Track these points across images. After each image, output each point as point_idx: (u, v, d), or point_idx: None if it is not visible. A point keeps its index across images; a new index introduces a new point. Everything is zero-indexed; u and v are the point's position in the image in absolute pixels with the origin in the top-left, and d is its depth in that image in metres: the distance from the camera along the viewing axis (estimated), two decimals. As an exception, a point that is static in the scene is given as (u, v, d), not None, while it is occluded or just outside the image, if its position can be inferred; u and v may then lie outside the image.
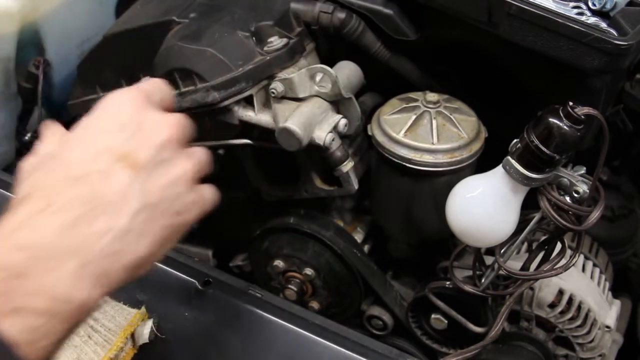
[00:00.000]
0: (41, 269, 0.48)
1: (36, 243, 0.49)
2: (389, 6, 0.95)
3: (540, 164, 0.72)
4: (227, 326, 0.71)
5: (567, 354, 0.98)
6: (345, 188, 0.96)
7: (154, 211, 0.54)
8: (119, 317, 0.69)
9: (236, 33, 0.92)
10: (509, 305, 0.84)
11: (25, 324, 0.47)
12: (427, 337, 1.06)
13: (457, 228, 0.82)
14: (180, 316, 0.71)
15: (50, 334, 0.48)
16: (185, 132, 0.60)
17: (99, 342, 0.68)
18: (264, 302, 0.71)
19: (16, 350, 0.46)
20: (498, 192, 0.77)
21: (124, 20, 1.06)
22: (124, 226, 0.52)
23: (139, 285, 0.73)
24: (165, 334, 0.70)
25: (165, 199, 0.55)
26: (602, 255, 1.09)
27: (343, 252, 1.02)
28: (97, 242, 0.51)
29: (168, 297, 0.73)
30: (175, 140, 0.58)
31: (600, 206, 0.74)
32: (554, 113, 0.71)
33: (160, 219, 0.55)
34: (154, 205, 0.54)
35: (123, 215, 0.52)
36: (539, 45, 0.81)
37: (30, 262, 0.48)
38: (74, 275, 0.49)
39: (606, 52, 0.77)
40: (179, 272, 0.74)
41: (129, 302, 0.71)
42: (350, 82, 0.96)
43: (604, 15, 0.82)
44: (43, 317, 0.48)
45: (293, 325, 0.70)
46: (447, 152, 0.88)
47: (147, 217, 0.54)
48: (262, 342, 0.70)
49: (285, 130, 0.87)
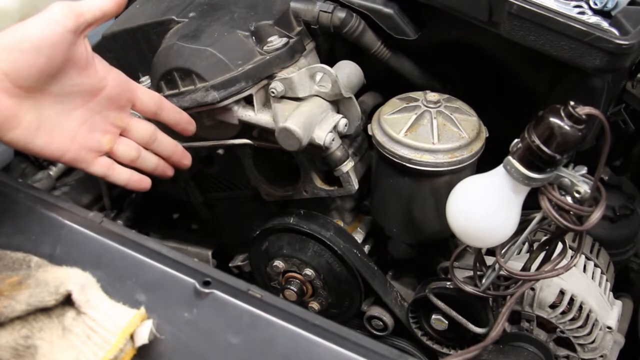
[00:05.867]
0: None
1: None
2: (389, 5, 0.94)
3: (541, 164, 0.72)
4: (227, 327, 0.70)
5: (568, 354, 0.97)
6: (345, 188, 0.96)
7: None
8: (118, 317, 0.69)
9: (236, 32, 0.92)
10: (509, 306, 0.84)
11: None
12: (428, 338, 1.06)
13: (458, 228, 0.82)
14: (180, 317, 0.71)
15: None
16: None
17: (98, 343, 0.67)
18: (263, 302, 0.71)
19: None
20: (499, 192, 0.77)
21: (123, 19, 1.05)
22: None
23: (138, 286, 0.73)
24: (165, 335, 0.70)
25: None
26: (603, 255, 1.09)
27: (343, 253, 1.01)
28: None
29: (167, 298, 0.72)
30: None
31: (602, 206, 0.74)
32: (555, 113, 0.71)
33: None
34: None
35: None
36: (540, 45, 0.81)
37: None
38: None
39: (607, 51, 0.77)
40: (178, 272, 0.73)
41: (128, 302, 0.71)
42: (351, 81, 0.96)
43: (605, 15, 0.82)
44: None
45: (293, 326, 0.69)
46: (448, 152, 0.87)
47: None
48: (262, 342, 0.70)
49: (285, 130, 0.87)
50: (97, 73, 0.79)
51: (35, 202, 0.80)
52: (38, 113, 0.75)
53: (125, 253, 0.75)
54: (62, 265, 0.74)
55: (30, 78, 0.73)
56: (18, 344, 0.69)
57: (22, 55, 0.72)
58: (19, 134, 0.74)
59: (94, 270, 0.73)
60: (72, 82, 0.77)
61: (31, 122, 0.75)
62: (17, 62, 0.71)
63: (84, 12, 0.76)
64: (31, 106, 0.75)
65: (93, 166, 0.82)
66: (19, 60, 0.72)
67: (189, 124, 0.90)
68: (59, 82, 0.76)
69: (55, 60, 0.74)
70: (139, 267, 0.75)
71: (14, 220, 0.79)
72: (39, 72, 0.73)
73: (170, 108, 0.88)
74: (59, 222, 0.78)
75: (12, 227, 0.78)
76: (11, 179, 0.83)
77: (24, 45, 0.72)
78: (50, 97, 0.76)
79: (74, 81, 0.77)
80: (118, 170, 0.84)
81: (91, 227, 0.78)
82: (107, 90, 0.81)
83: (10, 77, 0.72)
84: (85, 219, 0.79)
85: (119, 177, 0.84)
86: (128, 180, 0.85)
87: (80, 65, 0.77)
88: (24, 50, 0.72)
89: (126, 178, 0.85)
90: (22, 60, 0.72)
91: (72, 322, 0.69)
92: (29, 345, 0.69)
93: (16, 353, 0.69)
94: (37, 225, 0.78)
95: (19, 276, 0.71)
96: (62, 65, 0.75)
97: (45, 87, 0.76)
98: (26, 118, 0.74)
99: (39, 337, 0.69)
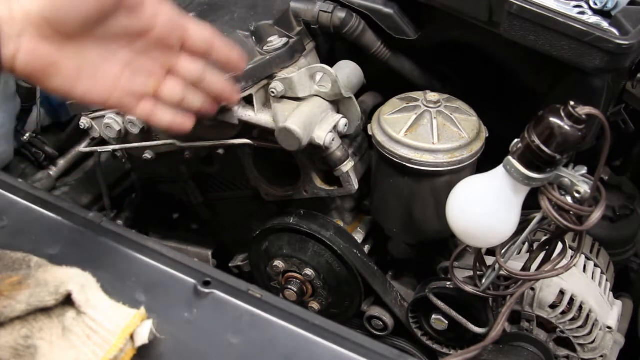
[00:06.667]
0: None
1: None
2: (389, 5, 0.94)
3: (541, 164, 0.72)
4: (227, 327, 0.70)
5: (568, 354, 0.97)
6: (345, 188, 0.96)
7: None
8: (118, 317, 0.69)
9: (236, 32, 0.92)
10: (509, 306, 0.84)
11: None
12: (428, 338, 1.06)
13: (458, 228, 0.82)
14: (180, 317, 0.71)
15: None
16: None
17: (98, 343, 0.67)
18: (263, 302, 0.71)
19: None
20: (499, 192, 0.77)
21: (124, 19, 1.05)
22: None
23: (138, 286, 0.73)
24: (165, 335, 0.70)
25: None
26: (603, 255, 1.09)
27: (343, 253, 1.01)
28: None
29: (167, 298, 0.72)
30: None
31: (602, 206, 0.74)
32: (555, 113, 0.71)
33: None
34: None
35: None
36: (540, 45, 0.81)
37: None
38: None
39: (607, 51, 0.77)
40: (178, 272, 0.74)
41: (128, 302, 0.71)
42: (351, 81, 0.96)
43: (605, 15, 0.82)
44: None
45: (293, 326, 0.69)
46: (448, 152, 0.87)
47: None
48: (262, 342, 0.70)
49: (285, 130, 0.87)
50: (146, 12, 0.70)
51: (35, 202, 0.80)
52: (80, 58, 0.68)
53: (125, 253, 0.76)
54: (62, 265, 0.74)
55: (74, 23, 0.65)
56: (18, 344, 0.69)
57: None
58: (60, 81, 0.67)
59: (94, 270, 0.73)
60: (119, 24, 0.68)
61: (72, 69, 0.68)
62: (59, 6, 0.64)
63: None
64: (72, 52, 0.67)
65: (136, 110, 0.75)
66: (63, 4, 0.64)
67: (240, 62, 0.80)
68: (105, 25, 0.68)
69: (106, 3, 0.66)
70: (139, 267, 0.75)
71: (14, 220, 0.79)
72: (85, 18, 0.65)
73: (221, 46, 0.78)
74: (59, 222, 0.78)
75: (12, 227, 0.78)
76: (11, 179, 0.83)
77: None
78: (93, 40, 0.68)
79: (121, 23, 0.69)
80: (162, 112, 0.76)
81: (91, 227, 0.78)
82: (157, 31, 0.72)
83: (52, 23, 0.64)
84: (85, 219, 0.79)
85: (162, 119, 0.76)
86: (171, 122, 0.77)
87: (129, 5, 0.68)
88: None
89: (169, 120, 0.77)
90: (65, 3, 0.64)
91: (72, 322, 0.69)
92: (29, 345, 0.69)
93: (16, 353, 0.69)
94: (37, 225, 0.78)
95: (19, 276, 0.71)
96: (112, 7, 0.67)
97: (90, 32, 0.67)
98: (67, 65, 0.67)
99: (39, 337, 0.69)
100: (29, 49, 0.63)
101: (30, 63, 0.64)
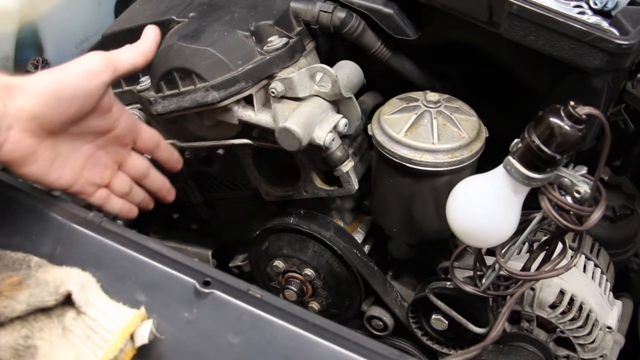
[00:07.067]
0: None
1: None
2: (389, 5, 0.94)
3: (541, 164, 0.72)
4: (227, 327, 0.70)
5: (568, 354, 0.97)
6: (346, 188, 0.96)
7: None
8: (118, 317, 0.69)
9: (236, 32, 0.92)
10: (509, 306, 0.84)
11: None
12: (428, 338, 1.06)
13: (458, 228, 0.82)
14: (180, 317, 0.71)
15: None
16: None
17: (98, 343, 0.67)
18: (263, 302, 0.71)
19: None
20: (499, 192, 0.77)
21: (123, 19, 1.06)
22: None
23: (138, 286, 0.73)
24: (165, 335, 0.70)
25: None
26: (603, 255, 1.09)
27: (343, 253, 1.01)
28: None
29: (167, 298, 0.72)
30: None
31: (602, 206, 0.74)
32: (555, 113, 0.70)
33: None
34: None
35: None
36: (540, 45, 0.81)
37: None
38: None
39: (607, 51, 0.77)
40: (178, 272, 0.73)
41: (128, 302, 0.71)
42: (351, 81, 0.96)
43: (605, 15, 0.82)
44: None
45: (293, 326, 0.69)
46: (448, 152, 0.87)
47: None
48: (262, 342, 0.69)
49: (285, 130, 0.87)
50: (112, 115, 0.83)
51: (35, 202, 0.80)
52: (54, 151, 0.79)
53: (125, 253, 0.75)
54: (62, 265, 0.74)
55: (58, 122, 0.76)
56: (18, 344, 0.69)
57: (56, 102, 0.74)
58: (35, 169, 0.77)
59: (94, 270, 0.73)
60: (90, 123, 0.81)
61: (47, 159, 0.78)
62: (49, 108, 0.74)
63: (118, 66, 0.80)
64: (49, 145, 0.78)
65: (93, 197, 0.86)
66: (52, 107, 0.74)
67: (177, 162, 0.96)
68: (80, 125, 0.80)
69: (86, 109, 0.78)
70: (139, 267, 0.74)
71: (14, 220, 0.79)
72: (68, 118, 0.77)
73: (165, 147, 0.94)
74: (59, 222, 0.78)
75: (12, 227, 0.78)
76: (11, 179, 0.83)
77: (60, 94, 0.74)
78: (66, 136, 0.80)
79: (92, 123, 0.81)
80: (113, 201, 0.89)
81: (91, 227, 0.78)
82: (117, 130, 0.85)
83: (39, 121, 0.74)
84: (85, 219, 0.78)
85: (113, 208, 0.89)
86: (120, 211, 0.90)
87: (102, 110, 0.81)
88: (59, 98, 0.74)
89: (119, 208, 0.90)
90: (54, 107, 0.74)
91: (72, 322, 0.69)
92: (29, 345, 0.69)
93: (16, 353, 0.69)
94: (37, 225, 0.78)
95: (19, 276, 0.71)
96: (89, 112, 0.79)
97: (66, 129, 0.79)
98: (43, 155, 0.77)
99: (39, 337, 0.69)
100: (14, 140, 0.73)
101: (14, 152, 0.73)
